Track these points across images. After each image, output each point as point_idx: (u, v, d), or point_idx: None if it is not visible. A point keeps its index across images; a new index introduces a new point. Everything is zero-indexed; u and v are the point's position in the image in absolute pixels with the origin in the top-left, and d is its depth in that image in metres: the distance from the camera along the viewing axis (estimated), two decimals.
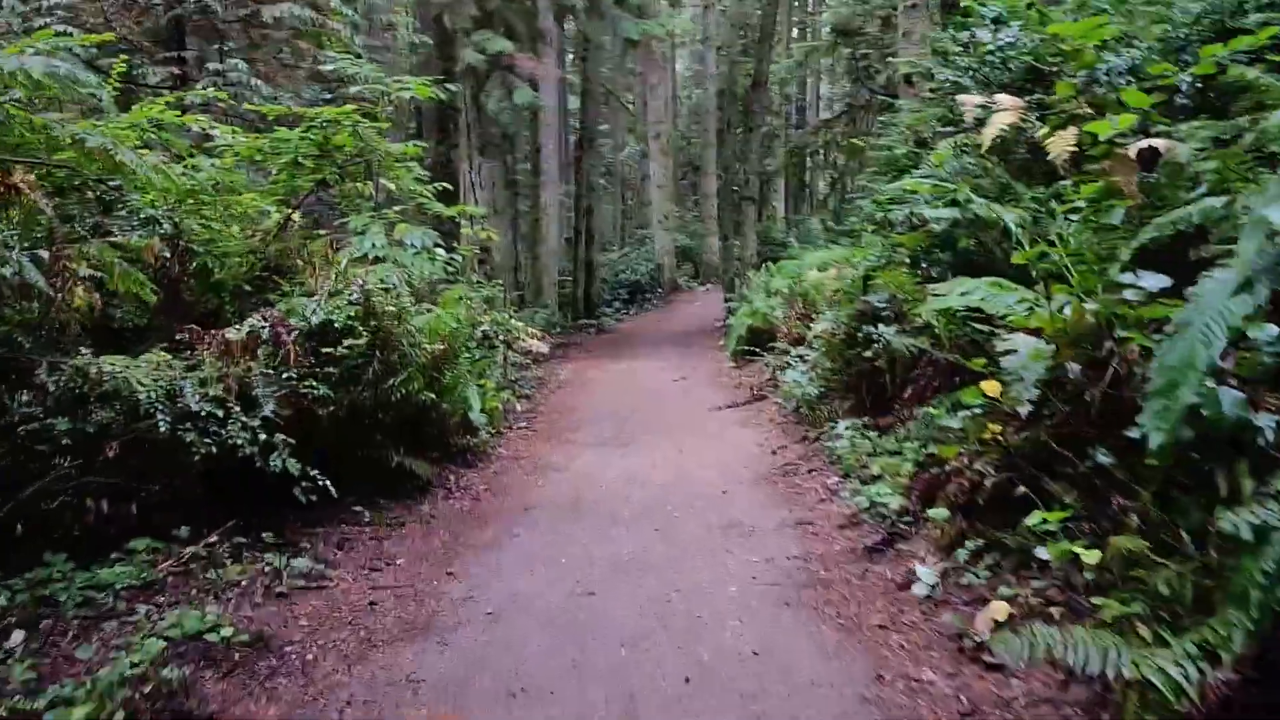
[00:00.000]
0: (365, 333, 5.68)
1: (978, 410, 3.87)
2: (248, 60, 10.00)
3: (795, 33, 31.89)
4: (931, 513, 4.05)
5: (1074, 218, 3.49)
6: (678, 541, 5.08)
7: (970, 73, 5.09)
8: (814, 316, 9.56)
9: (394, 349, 6.23)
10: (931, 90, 5.77)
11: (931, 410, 4.24)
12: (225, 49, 9.59)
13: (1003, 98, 4.42)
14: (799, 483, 6.22)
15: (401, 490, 6.37)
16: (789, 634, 3.80)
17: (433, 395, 6.67)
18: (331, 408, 5.64)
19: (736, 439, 7.97)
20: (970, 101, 4.52)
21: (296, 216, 7.94)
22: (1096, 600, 3.05)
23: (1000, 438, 3.83)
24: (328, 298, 5.73)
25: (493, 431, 8.59)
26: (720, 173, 30.07)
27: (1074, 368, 3.29)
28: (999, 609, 3.44)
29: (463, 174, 14.05)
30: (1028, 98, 4.78)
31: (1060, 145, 4.12)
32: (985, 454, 3.92)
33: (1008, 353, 3.75)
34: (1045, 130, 4.18)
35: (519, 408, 9.52)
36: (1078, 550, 3.14)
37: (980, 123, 4.60)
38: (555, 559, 4.88)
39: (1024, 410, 3.49)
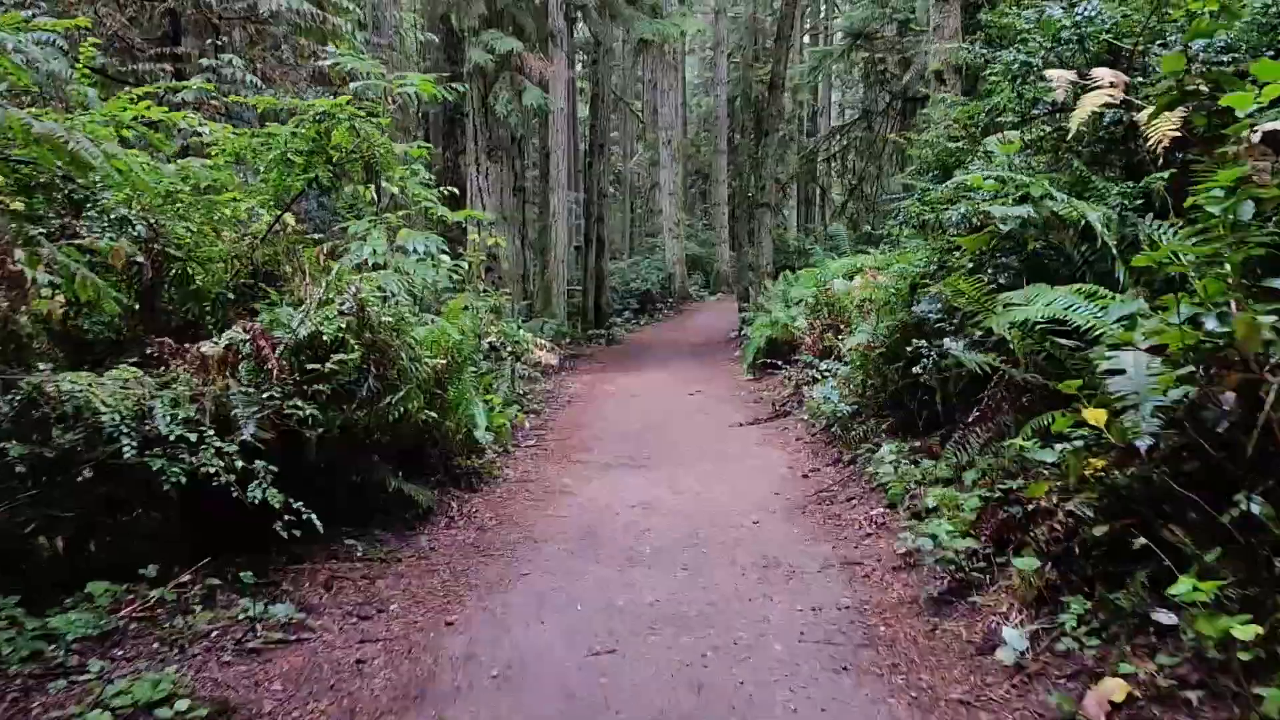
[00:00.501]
0: (358, 346, 5.07)
1: (1078, 443, 3.24)
2: (246, 59, 9.45)
3: (806, 39, 31.34)
4: (1018, 563, 3.41)
5: (1214, 209, 2.87)
6: (709, 585, 4.44)
7: (1042, 53, 4.48)
8: (843, 328, 8.93)
9: (391, 364, 5.63)
10: (995, 76, 5.18)
11: (1020, 442, 3.61)
12: (220, 45, 9.04)
13: (1102, 72, 3.79)
14: (838, 513, 5.58)
15: (399, 519, 5.76)
16: (851, 710, 3.16)
17: (434, 414, 6.06)
18: (321, 429, 5.03)
19: (762, 460, 7.33)
20: (1062, 77, 3.90)
21: (290, 219, 7.39)
22: (1258, 690, 2.41)
23: (1103, 475, 3.20)
24: (317, 307, 5.13)
25: (499, 450, 7.99)
26: (731, 180, 29.56)
27: (1228, 397, 2.66)
28: (1115, 688, 2.79)
29: (470, 179, 13.48)
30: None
31: (1163, 129, 3.49)
32: (1084, 494, 3.29)
33: (1113, 373, 3.12)
34: (1152, 110, 3.56)
35: (527, 424, 8.90)
36: (1230, 624, 2.50)
37: (1059, 108, 3.97)
38: (570, 606, 4.25)
39: (1143, 444, 2.86)
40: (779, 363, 10.96)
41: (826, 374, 8.03)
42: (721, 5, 26.99)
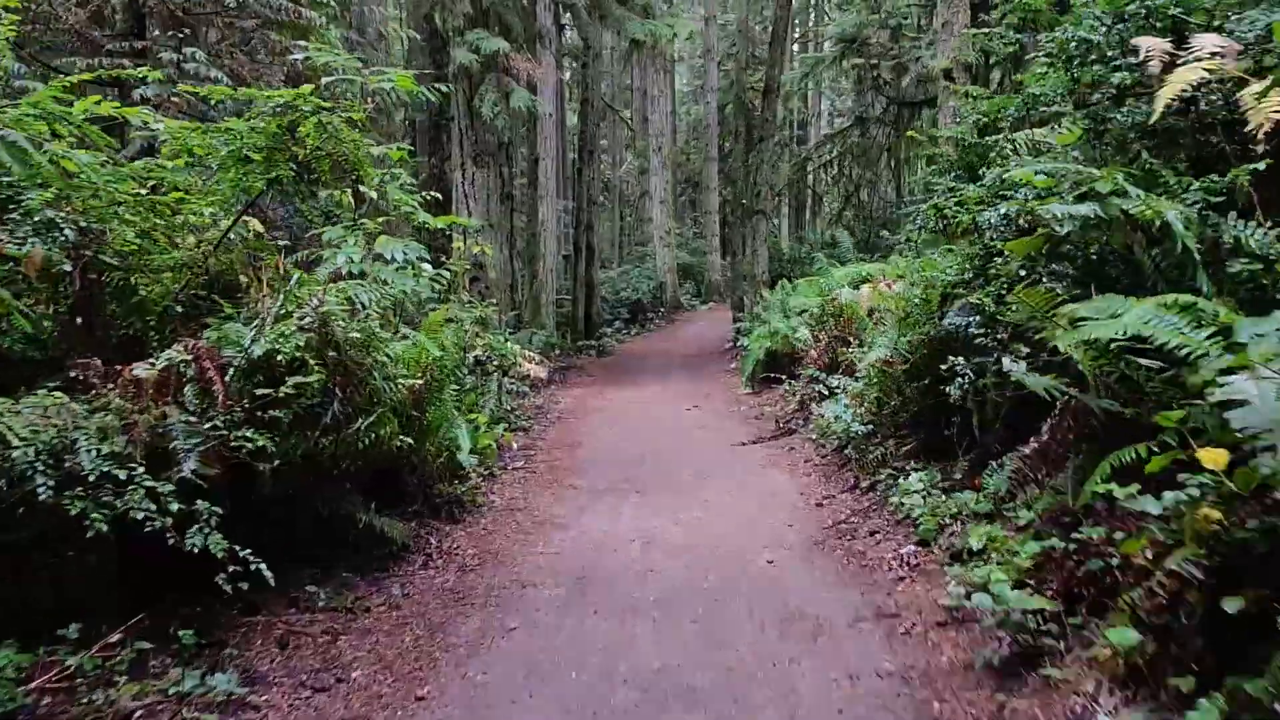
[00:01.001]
0: (319, 367, 4.41)
1: (1193, 490, 2.62)
2: (211, 54, 8.79)
3: (796, 47, 30.92)
4: (1112, 635, 2.78)
5: None
6: (724, 643, 3.80)
7: (1103, 30, 3.90)
8: (852, 340, 8.34)
9: (361, 385, 4.97)
10: (1041, 59, 4.59)
11: (1107, 485, 3.00)
12: (184, 37, 8.37)
13: (1206, 39, 3.20)
14: (862, 550, 4.96)
15: (370, 557, 5.09)
16: None
17: (410, 440, 5.39)
18: (277, 461, 4.37)
19: (770, 485, 6.70)
20: (1157, 47, 3.30)
21: (256, 224, 6.75)
22: None
23: (1220, 528, 2.58)
24: (274, 322, 4.47)
25: (485, 474, 7.33)
26: (722, 188, 29.02)
27: None
28: None
29: (455, 185, 12.84)
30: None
31: (1267, 111, 2.90)
32: (1187, 550, 2.67)
33: (1232, 404, 2.51)
34: (1264, 87, 2.97)
35: (515, 445, 8.23)
36: None
37: (1126, 93, 3.37)
38: (563, 673, 3.60)
39: None
40: (780, 376, 10.35)
41: (837, 390, 7.41)
42: (712, 12, 26.51)
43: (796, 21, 30.71)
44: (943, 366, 4.72)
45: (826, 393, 8.26)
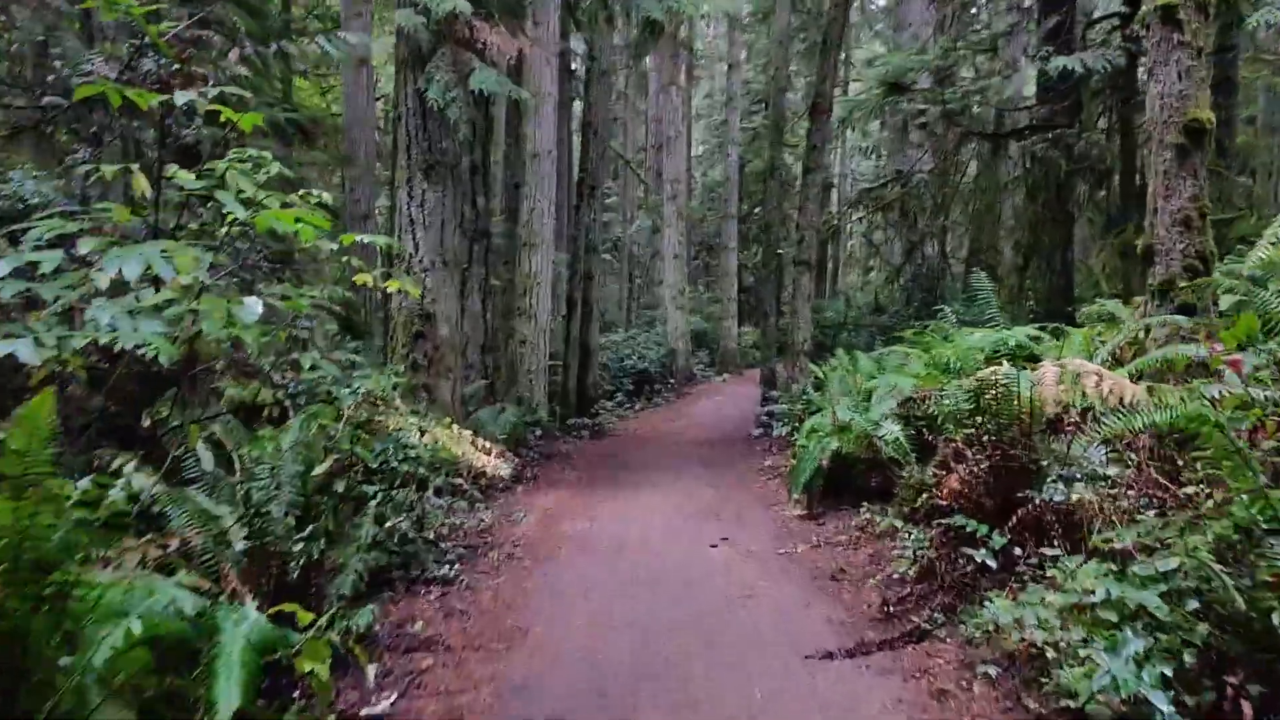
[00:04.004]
0: None
1: None
2: None
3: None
4: None
5: None
6: None
7: None
8: (1034, 464, 4.22)
9: None
10: None
11: None
12: None
13: None
14: None
15: None
16: None
17: None
18: None
19: None
20: None
21: None
22: None
23: None
24: None
25: None
26: (740, 250, 25.35)
27: None
28: None
29: (399, 206, 8.98)
30: None
31: None
32: None
33: None
34: None
35: (371, 674, 3.94)
36: None
37: None
38: None
39: None
40: (856, 498, 6.24)
41: (1058, 584, 3.26)
42: (735, 58, 23.24)
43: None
44: None
45: (994, 564, 4.14)
